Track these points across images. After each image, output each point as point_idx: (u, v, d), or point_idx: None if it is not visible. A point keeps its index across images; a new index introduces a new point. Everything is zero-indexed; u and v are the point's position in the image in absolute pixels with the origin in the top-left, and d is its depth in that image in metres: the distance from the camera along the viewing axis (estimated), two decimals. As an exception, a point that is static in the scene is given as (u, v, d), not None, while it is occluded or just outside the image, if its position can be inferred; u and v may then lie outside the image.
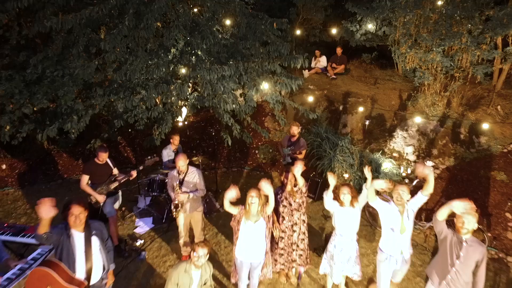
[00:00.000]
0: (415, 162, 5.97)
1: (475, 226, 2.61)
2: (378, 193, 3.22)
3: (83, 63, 4.97)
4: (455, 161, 5.79)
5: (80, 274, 2.61)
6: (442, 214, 2.72)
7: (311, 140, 6.48)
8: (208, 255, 2.84)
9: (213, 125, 7.78)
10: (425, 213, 4.79)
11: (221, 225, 4.93)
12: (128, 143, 7.41)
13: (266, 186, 3.06)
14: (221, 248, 4.43)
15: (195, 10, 5.84)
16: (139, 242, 4.48)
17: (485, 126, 5.75)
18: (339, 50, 8.41)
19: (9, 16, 5.26)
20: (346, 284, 3.69)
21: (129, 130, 7.22)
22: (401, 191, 2.97)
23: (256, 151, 7.14)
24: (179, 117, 6.06)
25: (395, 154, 6.20)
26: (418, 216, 4.68)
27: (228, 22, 5.75)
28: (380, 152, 6.05)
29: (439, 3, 6.03)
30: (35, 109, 5.46)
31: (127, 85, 5.19)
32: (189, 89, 6.05)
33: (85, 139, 6.68)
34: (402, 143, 6.29)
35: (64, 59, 5.12)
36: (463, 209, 2.50)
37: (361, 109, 6.92)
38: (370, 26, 7.69)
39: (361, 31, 7.96)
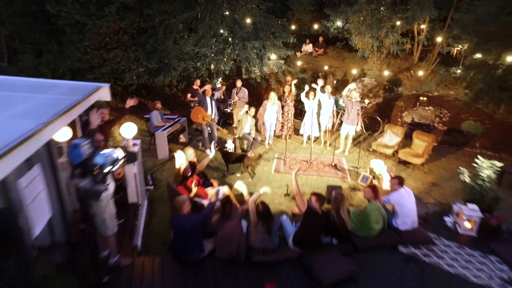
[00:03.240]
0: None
1: (357, 96, 7.00)
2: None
3: (173, 44, 9.38)
4: (381, 99, 10.18)
5: (209, 113, 7.01)
6: (344, 92, 7.10)
7: (300, 92, 10.84)
8: (254, 112, 7.23)
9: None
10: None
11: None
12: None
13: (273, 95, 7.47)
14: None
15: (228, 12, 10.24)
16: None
17: (401, 81, 10.14)
18: (320, 39, 12.81)
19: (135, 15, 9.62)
20: (314, 141, 8.07)
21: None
22: (327, 88, 7.40)
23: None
24: (219, 80, 10.45)
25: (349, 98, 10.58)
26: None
27: (251, 20, 10.14)
28: (339, 95, 10.44)
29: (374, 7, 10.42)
30: (143, 69, 9.84)
31: (196, 55, 9.57)
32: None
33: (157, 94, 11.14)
34: (354, 91, 10.66)
35: (165, 40, 9.49)
36: (352, 86, 6.89)
37: (330, 73, 11.31)
38: (339, 23, 12.06)
39: (334, 27, 12.32)
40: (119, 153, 2.97)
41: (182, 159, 4.76)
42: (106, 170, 2.81)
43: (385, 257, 3.95)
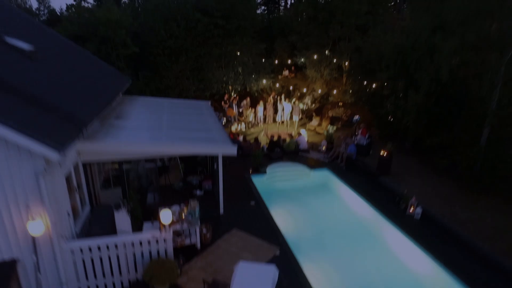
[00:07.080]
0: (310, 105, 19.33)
1: (300, 104, 15.96)
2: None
3: (211, 74, 18.34)
4: (320, 104, 19.12)
5: (234, 111, 15.94)
6: (291, 102, 16.05)
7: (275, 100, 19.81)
8: (253, 111, 16.19)
9: (244, 97, 21.08)
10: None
11: (251, 118, 18.30)
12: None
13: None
14: (252, 121, 17.80)
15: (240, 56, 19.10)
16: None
17: (331, 94, 19.12)
18: (293, 68, 21.78)
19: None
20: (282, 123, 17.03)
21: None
22: (287, 100, 16.43)
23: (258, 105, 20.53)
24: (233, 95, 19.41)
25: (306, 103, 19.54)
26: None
27: (252, 60, 19.08)
28: (302, 102, 19.41)
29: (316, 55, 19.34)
30: (194, 88, 18.75)
31: (223, 81, 18.49)
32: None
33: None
34: (308, 99, 19.61)
35: (207, 72, 18.34)
36: (294, 99, 15.90)
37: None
38: (303, 59, 21.01)
39: (300, 61, 21.24)
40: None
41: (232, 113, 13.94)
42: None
43: (293, 155, 12.90)
